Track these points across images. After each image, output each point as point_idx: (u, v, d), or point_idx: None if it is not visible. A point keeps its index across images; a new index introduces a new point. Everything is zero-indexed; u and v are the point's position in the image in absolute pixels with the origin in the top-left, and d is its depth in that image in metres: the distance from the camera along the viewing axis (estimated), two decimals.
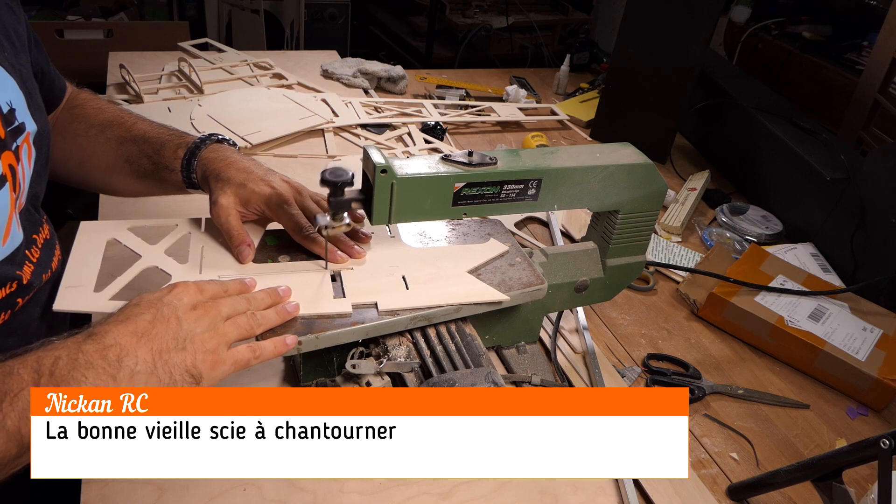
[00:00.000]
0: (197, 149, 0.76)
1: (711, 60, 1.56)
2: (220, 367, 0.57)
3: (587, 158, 0.73)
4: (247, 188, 0.72)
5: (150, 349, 0.53)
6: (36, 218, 0.71)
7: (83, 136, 0.80)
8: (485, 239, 0.80)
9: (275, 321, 0.63)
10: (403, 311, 0.68)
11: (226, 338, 0.58)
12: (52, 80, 0.79)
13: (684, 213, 1.22)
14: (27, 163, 0.66)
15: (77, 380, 0.49)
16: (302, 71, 1.57)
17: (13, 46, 0.67)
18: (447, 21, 2.72)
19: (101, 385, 0.50)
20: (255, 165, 0.75)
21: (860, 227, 1.08)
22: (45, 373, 0.49)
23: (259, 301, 0.63)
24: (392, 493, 0.65)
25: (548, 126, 1.55)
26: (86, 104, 0.83)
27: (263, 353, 0.60)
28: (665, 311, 1.01)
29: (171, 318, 0.56)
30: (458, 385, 0.62)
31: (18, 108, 0.64)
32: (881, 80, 1.48)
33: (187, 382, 0.55)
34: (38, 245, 0.69)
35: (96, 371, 0.50)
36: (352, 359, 0.65)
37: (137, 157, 0.78)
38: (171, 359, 0.54)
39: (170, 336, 0.55)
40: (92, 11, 2.46)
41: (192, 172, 0.75)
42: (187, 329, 0.56)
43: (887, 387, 0.86)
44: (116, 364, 0.51)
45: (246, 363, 0.59)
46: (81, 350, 0.51)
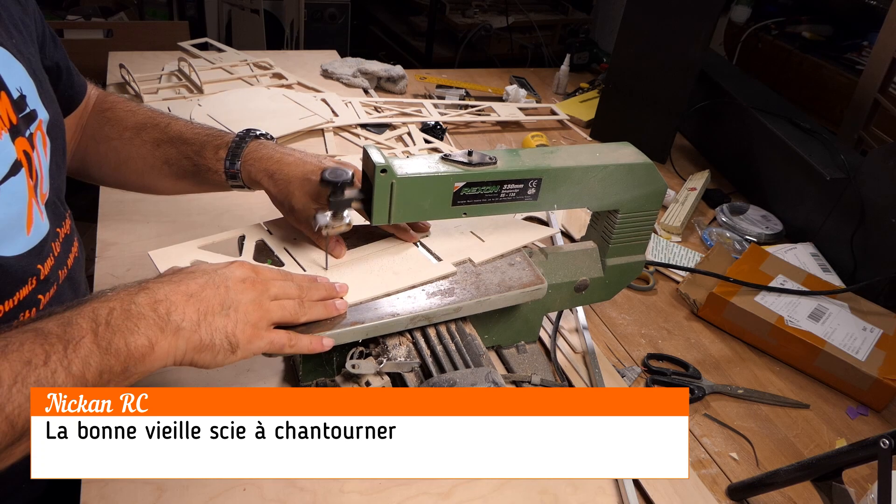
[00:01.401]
0: (238, 148, 0.76)
1: (711, 60, 1.56)
2: (257, 342, 0.59)
3: (587, 158, 0.73)
4: (310, 181, 0.72)
5: (197, 309, 0.56)
6: (61, 211, 0.71)
7: (117, 139, 0.81)
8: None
9: (321, 314, 0.65)
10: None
11: (269, 315, 0.61)
12: (71, 75, 0.78)
13: (684, 212, 1.22)
14: (43, 151, 0.66)
15: (130, 329, 0.52)
16: (302, 71, 1.57)
17: (21, 35, 0.67)
18: (447, 21, 2.72)
19: (150, 335, 0.53)
20: (303, 155, 0.76)
21: (860, 227, 1.08)
22: (101, 322, 0.52)
23: (312, 292, 0.65)
24: (392, 493, 0.65)
25: (548, 126, 1.55)
26: (116, 107, 0.83)
27: (299, 344, 0.62)
28: (665, 310, 1.01)
29: (221, 286, 0.59)
30: (459, 385, 0.62)
31: (29, 94, 0.64)
32: (881, 80, 1.48)
33: (225, 347, 0.57)
34: (59, 239, 0.69)
35: (147, 322, 0.53)
36: (352, 359, 0.65)
37: (177, 158, 0.79)
38: (215, 321, 0.57)
39: (217, 300, 0.58)
40: (92, 11, 2.46)
41: (237, 172, 0.76)
42: (234, 297, 0.59)
43: (887, 387, 0.86)
44: (165, 317, 0.54)
45: (280, 348, 0.61)
46: (134, 302, 0.54)
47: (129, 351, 0.52)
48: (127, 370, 0.52)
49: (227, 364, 0.58)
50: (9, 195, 0.59)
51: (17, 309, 0.61)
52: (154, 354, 0.53)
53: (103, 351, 0.51)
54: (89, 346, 0.50)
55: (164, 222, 0.98)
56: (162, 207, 1.00)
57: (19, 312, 0.61)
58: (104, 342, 0.51)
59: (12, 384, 0.46)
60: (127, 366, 0.52)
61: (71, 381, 0.48)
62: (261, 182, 0.75)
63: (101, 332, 0.51)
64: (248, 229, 0.75)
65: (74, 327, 0.50)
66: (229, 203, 1.03)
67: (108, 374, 0.51)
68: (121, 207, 0.99)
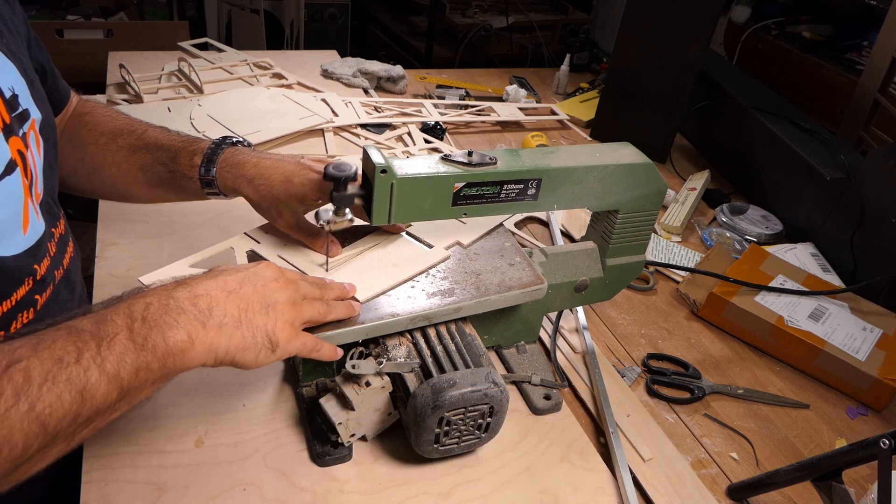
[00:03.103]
0: (213, 154, 0.75)
1: (711, 60, 1.56)
2: (294, 342, 0.59)
3: (587, 158, 0.73)
4: (294, 183, 0.71)
5: (238, 306, 0.55)
6: (55, 211, 0.71)
7: (93, 145, 0.80)
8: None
9: (344, 314, 0.65)
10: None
11: (302, 314, 0.60)
12: (55, 77, 0.78)
13: (684, 212, 1.22)
14: (36, 151, 0.66)
15: (169, 324, 0.51)
16: (302, 71, 1.57)
17: (11, 34, 0.66)
18: (447, 21, 2.72)
19: (191, 330, 0.51)
20: (278, 157, 0.75)
21: (860, 227, 1.08)
22: (137, 318, 0.50)
23: (331, 291, 0.65)
24: (392, 493, 0.65)
25: (548, 126, 1.55)
26: (95, 112, 0.83)
27: (322, 350, 0.62)
28: (665, 310, 1.01)
29: (258, 284, 0.58)
30: (459, 384, 0.62)
31: (21, 94, 0.64)
32: (881, 80, 1.48)
33: (266, 346, 0.56)
34: (55, 239, 0.69)
35: (187, 317, 0.52)
36: (352, 359, 0.65)
37: (151, 164, 0.78)
38: (255, 319, 0.56)
39: (256, 298, 0.57)
40: (92, 11, 2.46)
41: (212, 179, 0.75)
42: (271, 296, 0.58)
43: (887, 387, 0.86)
44: (207, 312, 0.53)
45: (309, 351, 0.61)
46: (172, 296, 0.53)
47: (167, 347, 0.50)
48: (165, 367, 0.50)
49: (265, 364, 0.57)
50: (5, 195, 0.58)
51: (15, 310, 0.61)
52: (194, 351, 0.52)
53: (139, 347, 0.49)
54: (124, 343, 0.49)
55: (164, 222, 0.98)
56: (162, 207, 0.99)
57: (17, 313, 0.61)
58: (140, 338, 0.49)
59: (42, 382, 0.44)
60: (165, 362, 0.50)
61: (105, 380, 0.47)
62: (240, 189, 0.73)
63: (137, 329, 0.50)
64: (234, 241, 0.74)
65: (109, 324, 0.49)
66: (230, 203, 1.02)
67: (146, 372, 0.49)
68: (121, 207, 0.99)
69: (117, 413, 0.50)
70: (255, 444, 0.68)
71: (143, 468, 0.63)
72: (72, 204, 1.77)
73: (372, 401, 0.66)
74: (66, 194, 0.82)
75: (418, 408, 0.62)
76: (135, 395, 0.50)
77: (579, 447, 0.74)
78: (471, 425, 0.66)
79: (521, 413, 0.77)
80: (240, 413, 0.71)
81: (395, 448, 0.70)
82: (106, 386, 0.47)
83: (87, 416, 0.47)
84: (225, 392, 0.73)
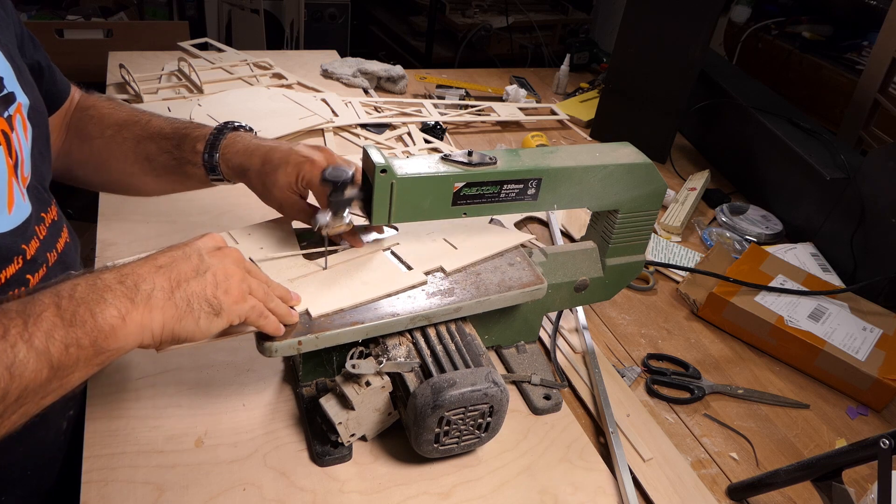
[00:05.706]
0: (216, 140, 0.75)
1: (711, 60, 1.56)
2: (241, 305, 0.57)
3: (587, 158, 0.73)
4: (304, 168, 0.70)
5: (168, 277, 0.54)
6: (45, 197, 0.71)
7: (99, 138, 0.80)
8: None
9: (285, 311, 0.62)
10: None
11: (248, 281, 0.59)
12: (53, 73, 0.78)
13: (684, 212, 1.22)
14: (23, 134, 0.66)
15: (96, 300, 0.50)
16: (302, 71, 1.57)
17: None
18: (447, 21, 2.72)
19: (119, 306, 0.50)
20: (274, 142, 0.74)
21: (860, 227, 1.08)
22: (64, 296, 0.49)
23: (276, 289, 0.63)
24: (392, 493, 0.65)
25: (548, 126, 1.55)
26: (99, 105, 0.83)
27: (278, 308, 0.61)
28: (665, 310, 1.01)
29: (193, 256, 0.57)
30: (459, 384, 0.62)
31: (6, 77, 0.64)
32: (881, 80, 1.48)
33: (206, 311, 0.55)
34: (45, 223, 0.69)
35: (114, 293, 0.51)
36: (352, 359, 0.65)
37: (157, 153, 0.78)
38: (189, 287, 0.55)
39: (189, 266, 0.56)
40: (92, 11, 2.46)
41: (216, 165, 0.75)
42: (208, 262, 0.57)
43: (887, 386, 0.86)
44: (133, 288, 0.52)
45: (258, 316, 0.59)
46: (100, 277, 0.52)
47: (95, 323, 0.49)
48: (97, 344, 0.49)
49: (213, 332, 0.56)
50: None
51: (5, 287, 0.61)
52: (126, 328, 0.50)
53: (67, 323, 0.48)
54: (52, 319, 0.47)
55: (164, 222, 0.98)
56: (162, 207, 0.99)
57: (7, 290, 0.61)
58: (67, 314, 0.48)
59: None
60: (96, 339, 0.49)
61: (34, 355, 0.46)
62: (242, 165, 0.74)
63: (65, 305, 0.48)
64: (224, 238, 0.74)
65: (35, 303, 0.48)
66: (230, 203, 1.03)
67: (76, 349, 0.48)
68: (121, 207, 0.99)
69: (50, 397, 0.49)
70: (255, 443, 0.68)
71: (142, 468, 0.63)
72: (72, 204, 1.77)
73: (372, 401, 0.66)
74: (66, 195, 0.82)
75: (418, 407, 0.62)
76: (67, 376, 0.49)
77: (579, 447, 0.74)
78: (471, 425, 0.66)
79: (521, 413, 0.77)
80: (240, 413, 0.71)
81: (395, 448, 0.70)
82: (35, 362, 0.46)
83: (15, 394, 0.45)
84: (225, 392, 0.73)
